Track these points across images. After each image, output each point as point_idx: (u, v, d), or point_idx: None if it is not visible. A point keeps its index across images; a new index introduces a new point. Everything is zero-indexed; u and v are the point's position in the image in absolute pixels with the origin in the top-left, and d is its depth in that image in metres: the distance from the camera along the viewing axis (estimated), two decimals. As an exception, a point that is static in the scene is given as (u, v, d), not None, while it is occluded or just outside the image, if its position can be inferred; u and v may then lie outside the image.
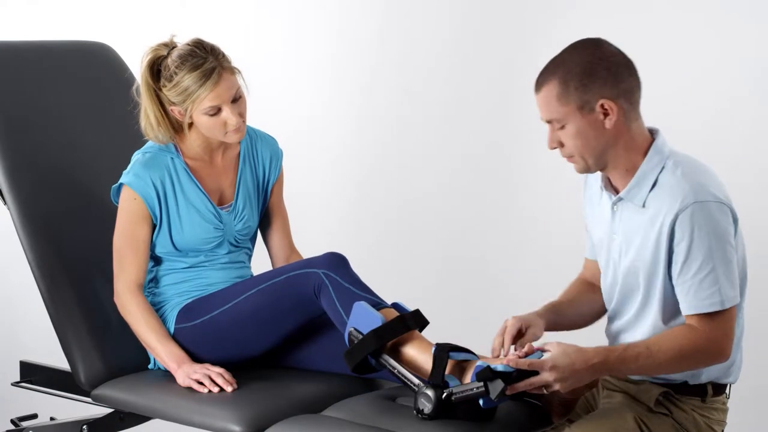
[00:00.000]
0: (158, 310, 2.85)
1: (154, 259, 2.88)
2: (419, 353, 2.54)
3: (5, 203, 2.94)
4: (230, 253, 2.91)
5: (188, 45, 2.78)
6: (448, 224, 3.98)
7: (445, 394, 2.42)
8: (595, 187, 2.51)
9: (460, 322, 3.68)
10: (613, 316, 2.51)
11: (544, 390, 2.34)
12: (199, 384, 2.71)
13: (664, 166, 2.36)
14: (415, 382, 2.48)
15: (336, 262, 2.69)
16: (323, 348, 2.83)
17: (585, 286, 2.62)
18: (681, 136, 3.21)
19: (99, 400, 2.84)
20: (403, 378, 2.51)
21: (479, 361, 2.46)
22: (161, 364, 2.80)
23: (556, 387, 2.30)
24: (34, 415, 3.03)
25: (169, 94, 2.77)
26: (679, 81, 3.53)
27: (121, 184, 2.82)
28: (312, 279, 2.68)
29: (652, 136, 2.40)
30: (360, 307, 2.57)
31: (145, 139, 2.87)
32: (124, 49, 3.33)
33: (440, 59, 3.94)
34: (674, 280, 2.34)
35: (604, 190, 2.46)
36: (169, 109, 2.81)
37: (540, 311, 2.56)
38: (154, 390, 2.77)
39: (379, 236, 4.09)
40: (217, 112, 2.76)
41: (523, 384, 2.32)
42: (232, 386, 2.70)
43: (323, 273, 2.67)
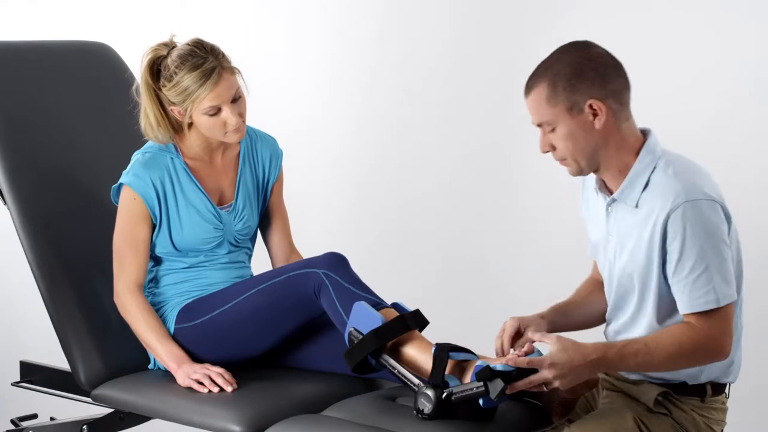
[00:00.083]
0: (158, 310, 2.85)
1: (154, 259, 2.88)
2: (419, 353, 2.54)
3: (5, 203, 2.94)
4: (230, 253, 2.90)
5: (188, 45, 2.78)
6: (448, 224, 3.98)
7: (445, 394, 2.41)
8: (591, 188, 2.51)
9: (460, 322, 3.68)
10: (610, 318, 2.50)
11: (544, 387, 2.33)
12: (199, 384, 2.71)
13: (656, 166, 2.36)
14: (415, 382, 2.48)
15: (336, 262, 2.69)
16: (323, 348, 2.83)
17: (594, 286, 2.61)
18: (681, 136, 3.21)
19: (99, 400, 2.84)
20: (403, 378, 2.51)
21: (479, 361, 2.46)
22: (161, 364, 2.80)
23: (556, 384, 2.30)
24: (34, 415, 3.03)
25: (169, 94, 2.77)
26: (679, 81, 3.53)
27: (121, 184, 2.82)
28: (312, 279, 2.68)
29: (644, 137, 2.40)
30: (360, 307, 2.57)
31: (145, 139, 2.87)
32: (124, 49, 3.33)
33: (440, 59, 3.94)
34: (669, 280, 2.34)
35: (598, 192, 2.46)
36: (169, 109, 2.81)
37: (544, 312, 2.56)
38: (154, 390, 2.77)
39: (379, 236, 4.09)
40: (216, 112, 2.76)
41: (522, 383, 2.31)
42: (232, 386, 2.69)
43: (323, 273, 2.67)
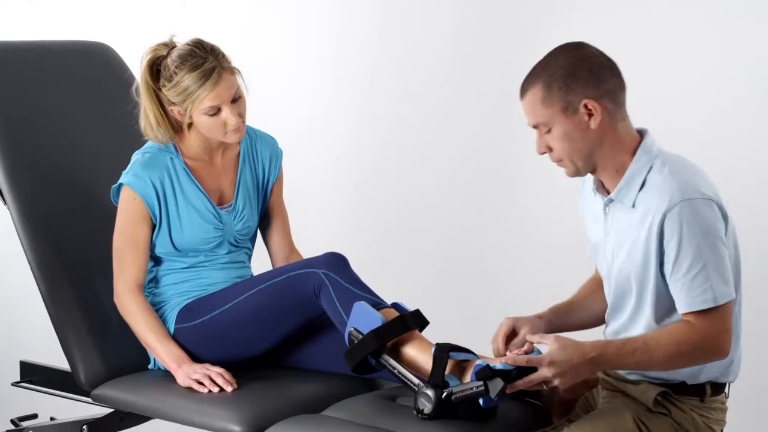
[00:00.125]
0: (158, 310, 2.85)
1: (154, 259, 2.88)
2: (419, 353, 2.54)
3: (5, 203, 2.94)
4: (230, 253, 2.90)
5: (188, 45, 2.77)
6: (448, 224, 3.98)
7: (445, 394, 2.41)
8: (590, 189, 2.51)
9: (460, 322, 3.67)
10: (609, 318, 2.50)
11: (544, 386, 2.34)
12: (199, 384, 2.71)
13: (652, 166, 2.36)
14: (415, 382, 2.48)
15: (336, 262, 2.69)
16: (323, 348, 2.83)
17: (596, 286, 2.61)
18: (681, 136, 3.21)
19: (99, 400, 2.84)
20: (403, 378, 2.51)
21: (479, 361, 2.46)
22: (161, 364, 2.80)
23: (556, 382, 2.30)
24: (34, 415, 3.03)
25: (169, 94, 2.77)
26: (679, 81, 3.53)
27: (121, 184, 2.82)
28: (312, 279, 2.68)
29: (641, 137, 2.40)
30: (360, 307, 2.57)
31: (145, 139, 2.87)
32: (124, 49, 3.33)
33: (440, 59, 3.94)
34: (667, 279, 2.34)
35: (596, 192, 2.46)
36: (169, 109, 2.81)
37: (542, 313, 2.57)
38: (154, 390, 2.77)
39: (379, 236, 4.09)
40: (216, 112, 2.76)
41: (522, 382, 2.32)
42: (232, 386, 2.69)
43: (323, 273, 2.67)
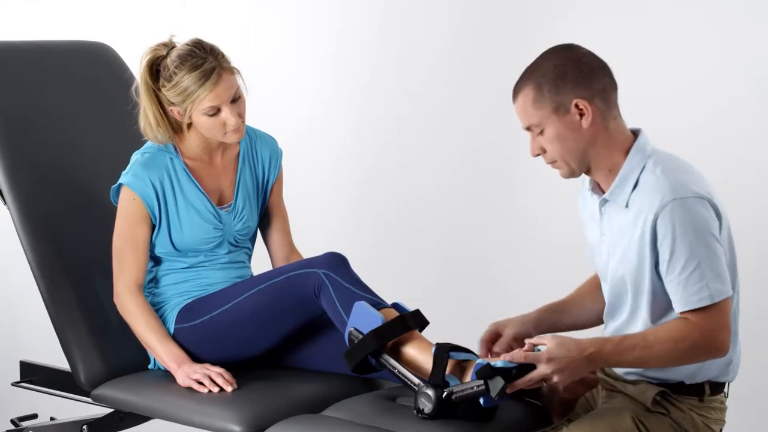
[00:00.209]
0: (158, 311, 2.85)
1: (154, 260, 2.88)
2: (419, 353, 2.54)
3: (5, 203, 2.94)
4: (230, 253, 2.90)
5: (187, 45, 2.77)
6: (448, 224, 3.98)
7: (446, 394, 2.41)
8: (588, 189, 2.51)
9: (460, 322, 3.67)
10: (608, 319, 2.50)
11: (544, 383, 2.34)
12: (199, 384, 2.70)
13: (645, 166, 2.36)
14: (416, 381, 2.48)
15: (336, 262, 2.69)
16: (323, 348, 2.82)
17: (593, 287, 2.61)
18: (681, 136, 3.22)
19: (99, 400, 2.84)
20: (403, 378, 2.51)
21: (479, 360, 2.46)
22: (161, 364, 2.80)
23: (555, 379, 2.30)
24: (34, 415, 3.03)
25: (169, 95, 2.77)
26: (679, 81, 3.53)
27: (120, 184, 2.82)
28: (312, 279, 2.68)
29: (635, 136, 2.41)
30: (360, 307, 2.57)
31: (145, 140, 2.87)
32: (124, 49, 3.32)
33: (440, 59, 3.94)
34: (663, 279, 2.34)
35: (593, 192, 2.47)
36: (169, 109, 2.80)
37: (529, 312, 2.59)
38: (154, 390, 2.77)
39: (379, 236, 4.09)
40: (216, 112, 2.76)
41: (522, 381, 2.32)
42: (232, 386, 2.69)
43: (323, 273, 2.67)
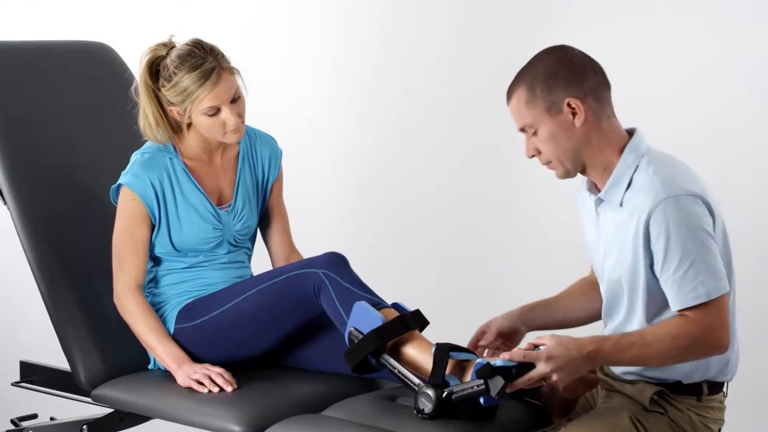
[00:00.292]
0: (158, 311, 2.85)
1: (154, 260, 2.88)
2: (419, 353, 2.54)
3: (5, 203, 2.94)
4: (230, 253, 2.90)
5: (187, 45, 2.77)
6: (448, 224, 3.98)
7: (446, 394, 2.41)
8: (585, 189, 2.52)
9: (460, 322, 3.66)
10: (606, 319, 2.51)
11: (543, 382, 2.34)
12: (199, 384, 2.70)
13: (638, 165, 2.37)
14: (416, 381, 2.48)
15: (336, 262, 2.69)
16: (323, 348, 2.82)
17: (583, 286, 2.63)
18: (681, 136, 3.22)
19: (99, 400, 2.84)
20: (403, 378, 2.51)
21: (479, 360, 2.46)
22: (161, 364, 2.80)
23: (554, 378, 2.30)
24: (34, 415, 3.03)
25: (168, 95, 2.77)
26: (680, 81, 3.53)
27: (120, 184, 2.82)
28: (312, 279, 2.68)
29: (630, 136, 2.41)
30: (360, 307, 2.57)
31: (144, 140, 2.87)
32: (124, 49, 3.32)
33: (440, 59, 3.94)
34: (659, 278, 2.34)
35: (590, 192, 2.47)
36: (168, 109, 2.80)
37: (515, 309, 2.62)
38: (154, 390, 2.77)
39: (379, 236, 4.09)
40: (216, 112, 2.76)
41: (522, 380, 2.32)
42: (232, 386, 2.69)
43: (323, 273, 2.67)
